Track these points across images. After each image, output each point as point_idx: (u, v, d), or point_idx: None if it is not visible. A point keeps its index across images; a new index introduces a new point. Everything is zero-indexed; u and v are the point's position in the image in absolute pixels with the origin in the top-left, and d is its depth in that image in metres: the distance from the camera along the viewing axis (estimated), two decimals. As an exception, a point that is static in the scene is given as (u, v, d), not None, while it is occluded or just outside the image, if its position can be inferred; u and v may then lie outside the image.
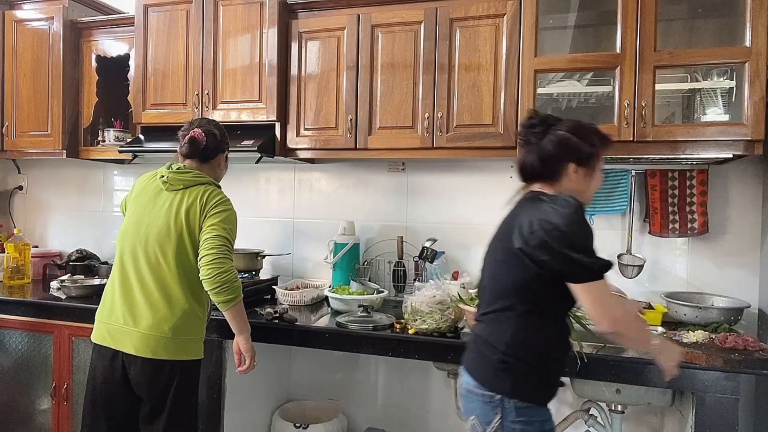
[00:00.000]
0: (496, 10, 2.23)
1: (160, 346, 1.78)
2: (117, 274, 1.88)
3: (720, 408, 1.70)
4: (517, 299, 1.43)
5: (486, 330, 1.49)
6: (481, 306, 1.56)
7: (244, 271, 2.61)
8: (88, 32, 2.87)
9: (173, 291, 1.81)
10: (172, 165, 1.91)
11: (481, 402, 1.43)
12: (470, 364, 1.51)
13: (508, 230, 1.46)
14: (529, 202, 1.46)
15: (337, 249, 2.63)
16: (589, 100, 2.35)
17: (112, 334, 1.83)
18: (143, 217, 1.87)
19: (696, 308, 2.11)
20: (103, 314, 1.88)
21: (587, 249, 1.35)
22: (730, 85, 2.10)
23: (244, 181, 3.01)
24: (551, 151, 1.46)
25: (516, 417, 1.39)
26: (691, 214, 2.32)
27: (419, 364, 2.65)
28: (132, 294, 1.83)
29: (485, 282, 1.55)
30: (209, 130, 1.95)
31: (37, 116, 2.89)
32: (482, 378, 1.45)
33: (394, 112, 2.37)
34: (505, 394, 1.40)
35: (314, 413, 2.76)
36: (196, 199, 1.85)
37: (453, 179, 2.68)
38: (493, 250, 1.54)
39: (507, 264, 1.45)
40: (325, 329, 2.14)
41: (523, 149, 1.53)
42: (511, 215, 1.52)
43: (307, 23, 2.49)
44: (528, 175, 1.53)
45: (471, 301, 2.03)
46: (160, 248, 1.82)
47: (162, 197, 1.88)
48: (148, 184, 1.94)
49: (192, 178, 1.89)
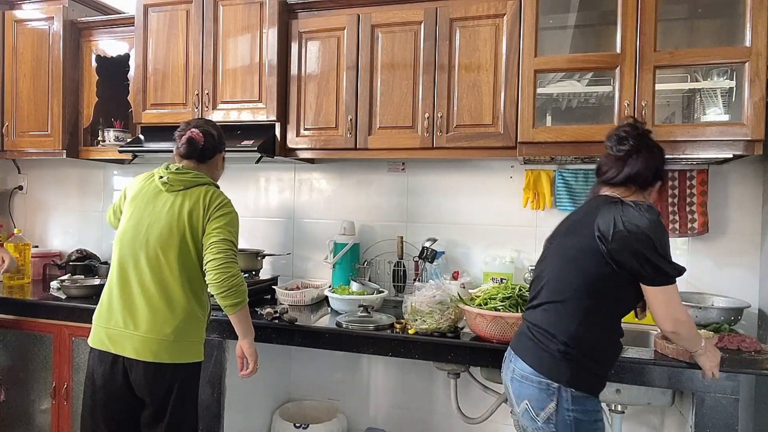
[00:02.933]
0: (496, 10, 2.23)
1: (162, 349, 1.77)
2: (116, 278, 1.84)
3: (720, 408, 1.70)
4: (586, 294, 1.50)
5: (545, 319, 1.55)
6: (538, 295, 1.60)
7: (244, 271, 2.61)
8: (88, 32, 2.87)
9: (175, 293, 1.80)
10: (170, 166, 1.90)
11: (537, 388, 1.50)
12: (525, 351, 1.56)
13: (584, 227, 1.53)
14: (608, 204, 1.52)
15: (337, 249, 2.63)
16: (589, 100, 2.35)
17: (111, 339, 1.80)
18: (143, 218, 1.84)
19: (696, 308, 2.11)
20: (101, 318, 1.84)
21: (667, 254, 1.46)
22: (730, 85, 2.10)
23: (244, 181, 3.01)
24: (657, 165, 1.57)
25: (571, 405, 1.47)
26: (691, 214, 2.32)
27: (419, 364, 2.65)
28: (132, 297, 1.80)
29: (548, 274, 1.60)
30: (207, 130, 1.93)
31: (37, 116, 2.89)
32: (539, 365, 1.51)
33: (394, 112, 2.37)
34: (564, 383, 1.47)
35: (314, 413, 2.76)
36: (198, 201, 1.84)
37: (453, 179, 2.68)
38: (563, 245, 1.60)
39: (580, 260, 1.52)
40: (325, 329, 2.14)
41: (627, 156, 1.56)
42: (584, 213, 1.60)
43: (307, 23, 2.49)
44: (623, 181, 1.56)
45: (471, 301, 2.03)
46: (162, 250, 1.80)
47: (162, 198, 1.86)
48: (145, 185, 1.91)
49: (192, 179, 1.88)
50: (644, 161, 1.54)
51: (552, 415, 1.47)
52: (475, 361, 1.98)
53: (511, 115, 2.21)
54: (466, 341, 1.98)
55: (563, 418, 1.47)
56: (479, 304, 1.97)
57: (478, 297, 2.03)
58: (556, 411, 1.47)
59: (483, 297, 2.00)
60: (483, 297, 2.00)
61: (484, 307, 1.94)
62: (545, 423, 1.48)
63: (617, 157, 1.57)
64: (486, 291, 2.05)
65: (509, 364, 1.62)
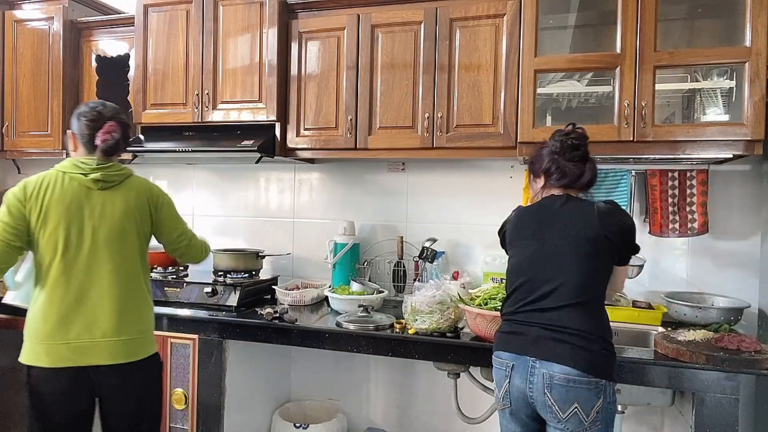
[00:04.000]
0: (496, 10, 2.23)
1: (135, 346, 1.76)
2: (63, 289, 1.70)
3: (720, 408, 1.70)
4: (600, 289, 1.62)
5: (574, 320, 1.55)
6: (550, 296, 1.59)
7: (244, 272, 2.61)
8: (88, 32, 2.87)
9: (138, 286, 1.81)
10: (84, 162, 1.76)
11: (586, 389, 1.50)
12: (563, 355, 1.52)
13: (585, 227, 1.60)
14: (583, 204, 1.66)
15: (337, 249, 2.63)
16: (589, 100, 2.35)
17: (76, 352, 1.68)
18: (83, 223, 1.72)
19: (696, 308, 2.11)
20: (55, 334, 1.69)
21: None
22: (730, 85, 2.10)
23: (244, 181, 3.01)
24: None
25: (611, 397, 1.54)
26: (691, 214, 2.32)
27: (419, 364, 2.65)
28: (91, 302, 1.71)
29: (562, 275, 1.59)
30: (122, 119, 1.83)
31: (37, 116, 2.89)
32: (586, 366, 1.51)
33: (394, 112, 2.37)
34: (608, 378, 1.53)
35: (314, 413, 2.76)
36: (141, 193, 1.82)
37: (453, 179, 2.68)
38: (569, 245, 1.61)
39: (595, 259, 1.59)
40: (325, 329, 2.14)
41: (583, 162, 1.70)
42: (574, 214, 1.64)
43: (307, 23, 2.49)
44: (586, 185, 1.71)
45: (471, 301, 2.03)
46: (117, 248, 1.75)
47: (94, 198, 1.74)
48: (61, 191, 1.73)
49: (121, 172, 1.80)
50: (592, 165, 1.71)
51: (599, 412, 1.51)
52: (475, 361, 1.98)
53: (511, 115, 2.21)
54: (466, 341, 1.98)
55: (606, 412, 1.52)
56: (479, 304, 1.97)
57: (478, 297, 2.03)
58: (602, 407, 1.51)
59: (483, 297, 2.00)
60: (483, 297, 2.00)
61: (484, 307, 1.95)
62: (592, 422, 1.50)
63: (574, 163, 1.69)
64: (486, 291, 2.05)
65: (533, 371, 1.55)
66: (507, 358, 1.62)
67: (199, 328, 2.26)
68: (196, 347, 2.25)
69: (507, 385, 1.62)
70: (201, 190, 3.09)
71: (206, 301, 2.40)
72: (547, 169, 1.71)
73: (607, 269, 1.63)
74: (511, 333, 1.64)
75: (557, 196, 1.70)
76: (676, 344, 1.78)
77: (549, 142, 1.74)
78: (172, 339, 2.28)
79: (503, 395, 1.64)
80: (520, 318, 1.62)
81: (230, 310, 2.34)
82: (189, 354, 2.26)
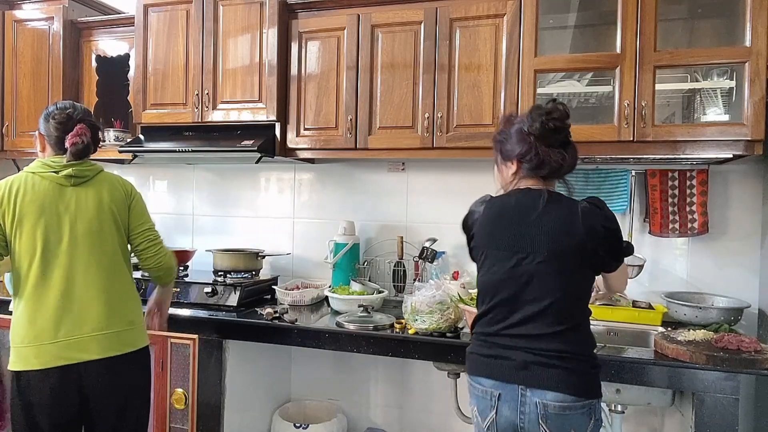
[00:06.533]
0: (496, 10, 2.23)
1: (126, 338, 1.77)
2: (46, 289, 1.69)
3: (720, 408, 1.70)
4: (585, 305, 1.49)
5: (563, 343, 1.42)
6: (538, 317, 1.43)
7: (244, 271, 2.62)
8: (88, 32, 2.87)
9: (123, 278, 1.82)
10: (52, 161, 1.75)
11: (580, 413, 1.41)
12: (557, 381, 1.40)
13: (565, 236, 1.42)
14: (565, 207, 1.45)
15: (337, 249, 2.63)
16: (589, 100, 2.35)
17: (65, 349, 1.67)
18: (61, 219, 1.71)
19: (696, 308, 2.11)
20: (42, 336, 1.67)
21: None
22: (730, 85, 2.10)
23: (243, 181, 3.01)
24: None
25: (599, 414, 1.46)
26: (691, 214, 2.32)
27: (419, 364, 2.65)
28: (77, 299, 1.70)
29: (548, 295, 1.43)
30: (91, 122, 1.83)
31: (37, 116, 2.82)
32: (579, 390, 1.41)
33: (394, 112, 2.37)
34: (597, 397, 1.45)
35: (314, 413, 2.76)
36: (114, 187, 1.82)
37: (453, 179, 2.68)
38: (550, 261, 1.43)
39: (579, 272, 1.46)
40: (325, 329, 2.14)
41: (564, 148, 1.48)
42: (539, 220, 1.44)
43: (307, 23, 2.49)
44: (563, 173, 1.51)
45: (471, 301, 2.03)
46: (98, 242, 1.75)
47: (68, 194, 1.73)
48: (33, 192, 1.71)
49: (93, 167, 1.81)
50: (574, 150, 1.50)
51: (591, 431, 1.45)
52: (475, 361, 1.98)
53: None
54: (466, 341, 1.97)
55: (596, 429, 1.45)
56: (479, 304, 1.97)
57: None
58: (593, 427, 1.44)
59: (483, 297, 1.99)
60: (483, 297, 1.99)
61: (484, 307, 1.94)
62: None
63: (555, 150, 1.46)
64: (486, 291, 2.04)
65: (524, 400, 1.42)
66: (491, 386, 1.47)
67: (199, 328, 2.26)
68: (196, 347, 2.25)
69: (494, 415, 1.45)
70: (201, 190, 3.09)
71: (206, 301, 2.40)
72: (522, 155, 1.49)
73: (592, 279, 1.51)
74: (492, 357, 1.47)
75: (535, 191, 1.48)
76: (676, 344, 1.78)
77: (524, 118, 1.49)
78: (172, 339, 2.28)
79: (488, 426, 1.47)
80: (502, 341, 1.47)
81: (230, 310, 2.35)
82: (189, 354, 2.26)
